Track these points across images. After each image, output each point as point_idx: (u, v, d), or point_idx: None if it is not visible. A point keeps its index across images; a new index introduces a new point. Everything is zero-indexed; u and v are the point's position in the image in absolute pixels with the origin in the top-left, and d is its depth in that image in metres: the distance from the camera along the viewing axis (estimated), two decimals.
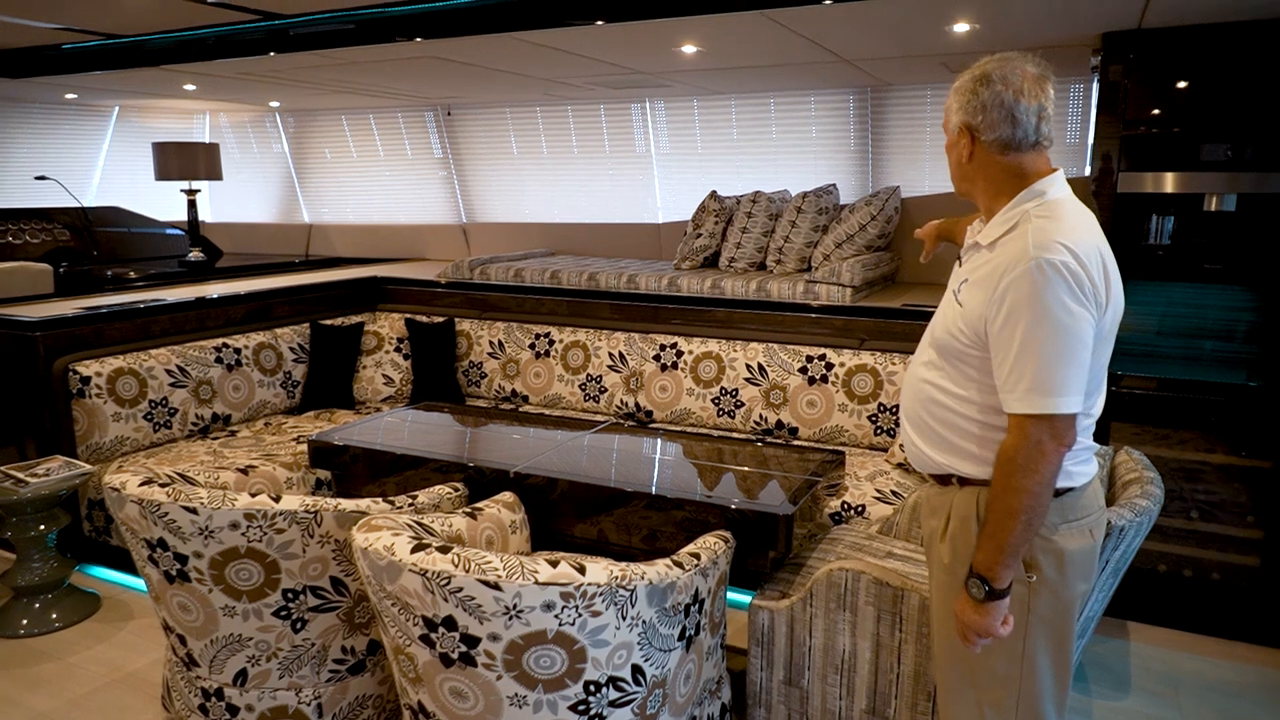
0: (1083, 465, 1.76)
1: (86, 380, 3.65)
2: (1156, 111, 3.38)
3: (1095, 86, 3.55)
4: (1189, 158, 3.36)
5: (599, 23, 3.39)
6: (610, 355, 4.37)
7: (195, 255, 6.11)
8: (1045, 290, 1.58)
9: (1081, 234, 1.65)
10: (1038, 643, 1.76)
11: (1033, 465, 1.62)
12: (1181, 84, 3.35)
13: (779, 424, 3.96)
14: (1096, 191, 3.47)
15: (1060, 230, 1.64)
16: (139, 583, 3.55)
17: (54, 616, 3.32)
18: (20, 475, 3.21)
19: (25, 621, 3.28)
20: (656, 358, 4.25)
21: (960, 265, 1.86)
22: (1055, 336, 1.59)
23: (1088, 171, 3.57)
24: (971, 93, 1.72)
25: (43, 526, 3.29)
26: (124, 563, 3.69)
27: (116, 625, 3.33)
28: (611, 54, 4.15)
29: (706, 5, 3.18)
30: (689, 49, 3.96)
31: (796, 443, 3.86)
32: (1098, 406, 1.77)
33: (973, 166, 1.78)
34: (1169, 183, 3.39)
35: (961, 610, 1.74)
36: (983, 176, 1.77)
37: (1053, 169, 1.75)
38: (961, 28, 3.42)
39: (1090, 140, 3.58)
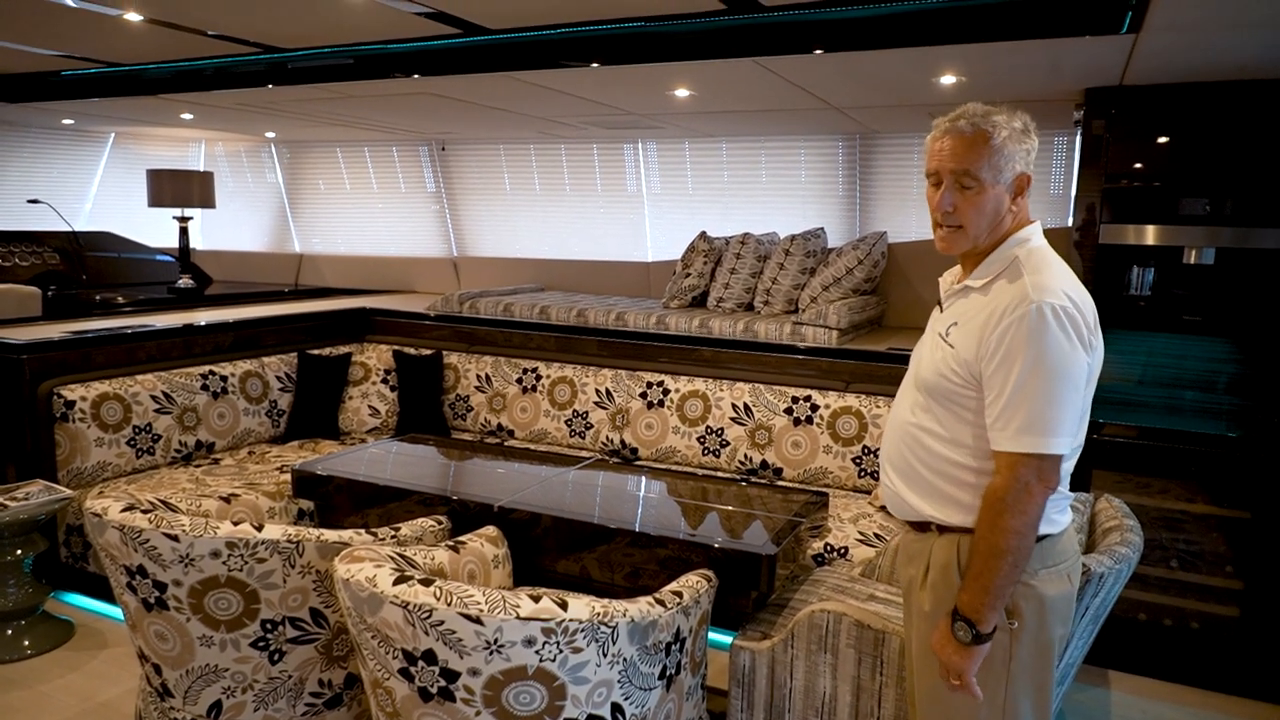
0: (1061, 514, 1.78)
1: (71, 404, 3.63)
2: (1138, 165, 3.46)
3: (1078, 140, 3.64)
4: (1169, 211, 3.44)
5: (594, 65, 3.45)
6: (597, 392, 4.38)
7: (185, 282, 6.11)
8: (1045, 332, 1.63)
9: (1075, 281, 1.73)
10: (1020, 689, 1.76)
11: (1020, 505, 1.65)
12: (1162, 139, 3.44)
13: (763, 464, 3.97)
14: (1079, 242, 3.53)
15: (1057, 276, 1.70)
16: (114, 610, 3.50)
17: (26, 644, 3.27)
18: None
19: None
20: (643, 395, 4.26)
21: (942, 310, 1.89)
22: (1051, 377, 1.63)
23: (1070, 222, 3.64)
24: (1024, 142, 1.78)
25: (19, 551, 3.25)
26: (100, 590, 3.64)
27: (90, 654, 3.28)
28: (606, 95, 4.22)
29: (699, 51, 3.25)
30: (682, 92, 4.04)
31: (780, 483, 3.87)
32: (1075, 453, 1.79)
33: (1005, 213, 1.79)
34: (1150, 235, 3.47)
35: (942, 649, 1.75)
36: (1002, 222, 1.80)
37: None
38: (949, 80, 3.51)
39: (1073, 192, 3.66)
